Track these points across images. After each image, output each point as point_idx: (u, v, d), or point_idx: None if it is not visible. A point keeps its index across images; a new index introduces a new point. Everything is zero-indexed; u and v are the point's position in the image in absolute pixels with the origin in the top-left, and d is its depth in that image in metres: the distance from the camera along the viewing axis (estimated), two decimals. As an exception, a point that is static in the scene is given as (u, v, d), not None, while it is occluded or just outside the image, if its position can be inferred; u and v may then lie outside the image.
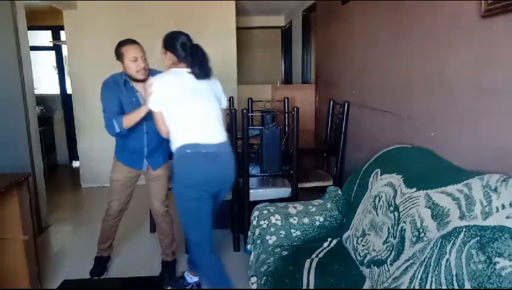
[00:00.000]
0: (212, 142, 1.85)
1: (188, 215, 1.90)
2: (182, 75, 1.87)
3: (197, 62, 1.87)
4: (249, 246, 2.13)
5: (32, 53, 3.15)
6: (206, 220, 1.90)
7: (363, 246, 1.71)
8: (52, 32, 5.43)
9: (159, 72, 2.14)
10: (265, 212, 2.10)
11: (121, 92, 2.17)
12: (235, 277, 2.13)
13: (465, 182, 1.32)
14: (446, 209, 1.30)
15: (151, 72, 2.20)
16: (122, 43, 2.15)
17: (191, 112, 1.86)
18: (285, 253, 1.88)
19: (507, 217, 1.08)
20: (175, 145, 1.86)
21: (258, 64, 6.50)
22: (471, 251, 1.10)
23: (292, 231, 2.02)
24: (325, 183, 2.88)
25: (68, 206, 3.91)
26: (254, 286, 1.93)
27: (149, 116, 2.07)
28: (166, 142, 2.36)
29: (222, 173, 1.90)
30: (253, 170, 2.68)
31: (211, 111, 1.91)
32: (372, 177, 1.92)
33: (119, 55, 2.14)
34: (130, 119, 2.08)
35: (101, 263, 2.52)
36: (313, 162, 3.76)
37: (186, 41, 1.90)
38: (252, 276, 1.98)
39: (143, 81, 2.14)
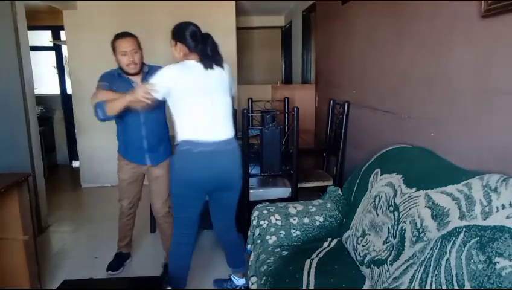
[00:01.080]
0: (214, 139, 1.82)
1: (176, 207, 1.98)
2: (193, 67, 1.83)
3: (208, 51, 1.84)
4: (248, 246, 2.13)
5: (32, 53, 3.15)
6: (189, 218, 1.97)
7: (363, 246, 1.71)
8: (52, 32, 5.43)
9: (159, 67, 2.14)
10: (265, 212, 2.09)
11: (114, 83, 2.18)
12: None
13: (465, 182, 1.32)
14: (446, 209, 1.30)
15: (149, 68, 2.23)
16: (115, 37, 2.17)
17: (196, 108, 1.82)
18: (285, 253, 1.88)
19: (507, 217, 1.08)
20: (177, 138, 1.86)
21: (258, 64, 6.50)
22: (471, 251, 1.10)
23: (292, 231, 2.02)
24: (325, 183, 2.88)
25: (68, 206, 3.91)
26: (254, 286, 1.93)
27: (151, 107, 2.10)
28: (167, 138, 2.38)
29: (218, 173, 1.86)
30: (253, 170, 2.67)
31: (219, 106, 1.87)
32: (372, 177, 1.92)
33: (113, 49, 2.17)
34: (112, 105, 1.99)
35: (119, 258, 2.59)
36: (313, 162, 3.76)
37: (196, 31, 1.86)
38: (252, 276, 1.98)
39: (136, 74, 2.18)
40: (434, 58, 1.76)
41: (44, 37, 5.44)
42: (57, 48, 5.49)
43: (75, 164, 5.26)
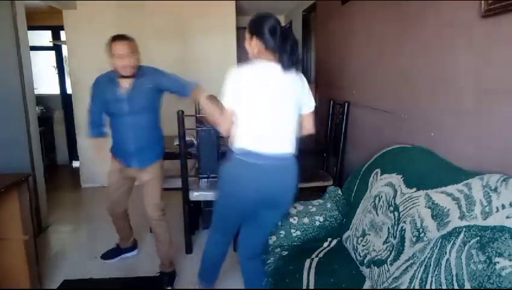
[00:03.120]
0: (270, 152, 1.62)
1: (216, 213, 1.83)
2: (264, 69, 1.63)
3: (287, 50, 1.61)
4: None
5: (32, 53, 3.15)
6: (225, 228, 1.86)
7: (363, 246, 1.71)
8: (52, 32, 5.42)
9: (152, 68, 2.20)
10: (265, 212, 2.09)
11: (109, 90, 2.18)
12: (234, 276, 2.13)
13: (465, 182, 1.32)
14: (446, 209, 1.30)
15: (142, 69, 2.20)
16: (111, 39, 2.13)
17: (258, 115, 1.63)
18: (285, 253, 1.88)
19: (507, 217, 1.08)
20: (233, 144, 1.68)
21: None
22: (471, 251, 1.10)
23: (292, 231, 2.02)
24: (325, 183, 2.88)
25: (68, 206, 3.91)
26: (254, 286, 1.93)
27: (132, 110, 2.13)
28: (158, 141, 2.32)
29: (269, 190, 1.66)
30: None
31: (283, 116, 1.66)
32: (372, 177, 1.92)
33: (108, 51, 2.13)
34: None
35: (115, 250, 2.66)
36: (313, 162, 3.76)
37: (276, 26, 1.63)
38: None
39: (130, 77, 2.16)
40: (434, 58, 1.76)
41: (44, 37, 5.44)
42: (57, 48, 5.49)
43: (75, 164, 5.25)
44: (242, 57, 5.88)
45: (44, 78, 5.60)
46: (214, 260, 1.97)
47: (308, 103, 1.78)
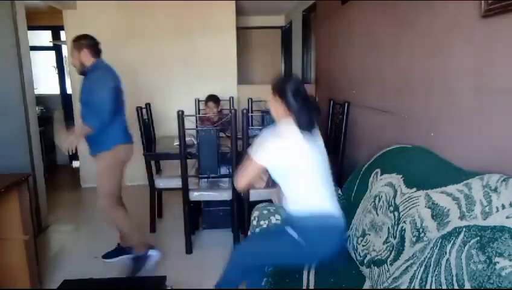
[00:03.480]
0: (337, 211, 1.67)
1: (261, 257, 1.74)
2: (295, 134, 1.64)
3: (308, 114, 1.67)
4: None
5: (32, 53, 3.15)
6: (267, 264, 1.80)
7: (363, 246, 1.71)
8: (52, 32, 5.43)
9: (102, 78, 2.26)
10: (265, 212, 2.09)
11: None
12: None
13: (465, 182, 1.32)
14: (446, 209, 1.30)
15: (95, 69, 2.31)
16: None
17: (319, 175, 1.69)
18: (285, 253, 1.88)
19: (507, 217, 1.08)
20: (307, 207, 1.66)
21: (258, 64, 6.49)
22: (471, 251, 1.10)
23: (292, 231, 2.02)
24: (325, 183, 2.87)
25: (68, 206, 3.91)
26: (254, 286, 1.92)
27: (80, 101, 2.34)
28: (104, 135, 2.32)
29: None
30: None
31: (328, 175, 1.73)
32: (372, 177, 1.92)
33: None
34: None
35: (117, 250, 2.68)
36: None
37: (300, 88, 1.70)
38: (252, 276, 1.98)
39: (83, 74, 2.37)
40: (434, 58, 1.76)
41: (44, 37, 5.44)
42: (57, 48, 5.50)
43: (75, 164, 5.26)
44: (242, 56, 5.89)
45: (44, 78, 5.61)
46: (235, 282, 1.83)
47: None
